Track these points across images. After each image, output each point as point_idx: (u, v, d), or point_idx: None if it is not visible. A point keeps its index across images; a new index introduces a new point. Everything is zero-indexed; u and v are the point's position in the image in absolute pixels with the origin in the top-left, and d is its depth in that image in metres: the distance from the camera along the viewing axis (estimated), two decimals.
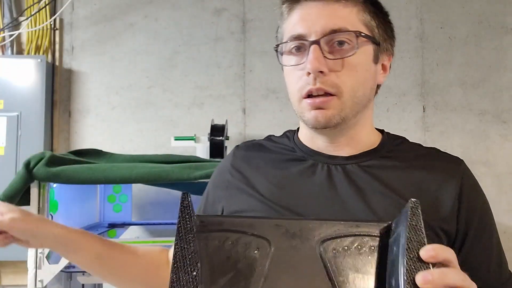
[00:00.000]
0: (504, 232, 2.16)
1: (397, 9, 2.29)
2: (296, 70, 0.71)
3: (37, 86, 2.18)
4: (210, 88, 2.28)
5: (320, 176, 0.73)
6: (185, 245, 0.50)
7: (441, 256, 0.49)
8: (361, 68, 0.71)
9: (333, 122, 0.70)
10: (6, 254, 2.09)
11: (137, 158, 1.72)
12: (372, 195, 0.70)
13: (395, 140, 0.80)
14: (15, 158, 2.12)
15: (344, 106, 0.70)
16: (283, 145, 0.81)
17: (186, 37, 2.33)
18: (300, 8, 0.71)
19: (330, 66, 0.69)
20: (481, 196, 0.77)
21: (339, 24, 0.69)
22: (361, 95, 0.72)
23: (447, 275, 0.48)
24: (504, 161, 2.20)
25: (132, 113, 2.29)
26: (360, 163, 0.74)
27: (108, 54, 2.33)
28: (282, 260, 0.52)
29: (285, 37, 0.73)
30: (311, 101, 0.70)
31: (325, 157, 0.75)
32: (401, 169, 0.73)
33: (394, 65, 2.62)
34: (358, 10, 0.71)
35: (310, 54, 0.68)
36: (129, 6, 2.35)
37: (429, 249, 0.48)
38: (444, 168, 0.74)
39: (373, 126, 0.80)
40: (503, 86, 2.25)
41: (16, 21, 2.29)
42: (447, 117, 2.25)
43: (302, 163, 0.76)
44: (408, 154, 0.76)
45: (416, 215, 0.50)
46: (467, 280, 0.50)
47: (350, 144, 0.75)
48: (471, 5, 2.30)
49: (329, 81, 0.69)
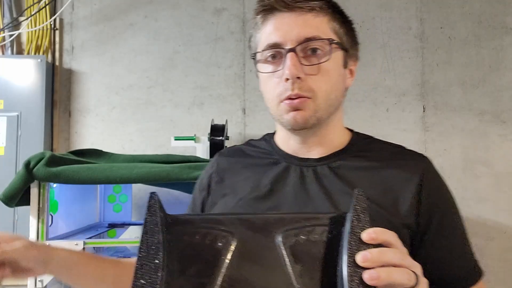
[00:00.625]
0: (504, 232, 2.16)
1: (397, 9, 2.29)
2: (273, 77, 0.76)
3: (37, 86, 2.19)
4: (210, 88, 2.28)
5: (294, 178, 0.79)
6: (150, 237, 0.54)
7: (381, 238, 0.52)
8: (333, 72, 0.76)
9: (310, 123, 0.75)
10: None
11: (137, 158, 1.72)
12: (339, 196, 0.74)
13: (364, 140, 0.85)
14: (15, 158, 2.12)
15: (319, 108, 0.75)
16: (261, 149, 0.87)
17: (186, 37, 2.33)
18: (274, 18, 0.76)
19: (306, 71, 0.74)
20: (444, 191, 0.80)
21: (312, 32, 0.74)
22: (334, 97, 0.78)
23: (386, 253, 0.51)
24: (503, 161, 2.20)
25: (132, 113, 2.29)
26: (330, 163, 0.79)
27: (108, 54, 2.33)
28: (244, 251, 0.55)
29: (260, 46, 0.78)
30: (290, 102, 0.74)
31: (298, 159, 0.81)
32: (368, 169, 0.78)
33: (394, 65, 2.62)
34: (328, 19, 0.77)
35: (288, 61, 0.73)
36: (129, 6, 2.35)
37: (370, 231, 0.51)
38: (408, 165, 0.78)
39: (343, 126, 0.85)
40: (503, 86, 2.25)
41: (16, 21, 2.29)
42: (447, 117, 2.25)
43: (278, 166, 0.81)
44: (375, 154, 0.81)
45: (360, 202, 0.54)
46: (407, 259, 0.53)
47: (321, 144, 0.80)
48: (471, 5, 2.30)
49: (305, 86, 0.74)
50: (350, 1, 2.32)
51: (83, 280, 0.80)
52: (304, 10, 0.75)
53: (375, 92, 2.28)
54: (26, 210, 1.60)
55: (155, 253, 0.53)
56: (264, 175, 0.81)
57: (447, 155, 2.22)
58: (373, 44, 2.30)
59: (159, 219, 0.55)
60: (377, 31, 2.30)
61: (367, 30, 2.31)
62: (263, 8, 0.77)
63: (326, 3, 0.77)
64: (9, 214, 2.07)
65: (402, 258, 0.52)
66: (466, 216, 2.16)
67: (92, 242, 1.63)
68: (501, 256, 2.16)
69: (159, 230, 0.55)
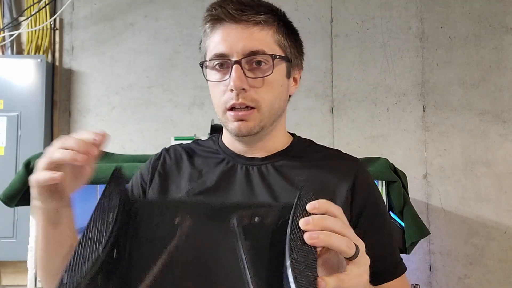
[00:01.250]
0: (505, 232, 2.16)
1: (397, 9, 2.29)
2: (220, 85, 0.81)
3: (37, 86, 2.19)
4: None
5: (240, 176, 0.84)
6: (107, 201, 0.55)
7: (323, 207, 0.55)
8: (276, 84, 0.81)
9: (254, 131, 0.81)
10: (6, 254, 2.10)
11: (137, 158, 1.72)
12: (281, 192, 0.81)
13: (304, 143, 0.92)
14: (15, 158, 2.12)
15: (263, 117, 0.81)
16: (208, 148, 0.92)
17: (186, 37, 2.33)
18: (222, 28, 0.80)
19: (250, 83, 0.79)
20: (373, 190, 0.87)
21: (257, 46, 0.78)
22: (277, 107, 0.83)
23: (327, 219, 0.54)
24: (504, 161, 2.20)
25: (132, 113, 2.29)
26: (274, 163, 0.85)
27: (108, 54, 2.33)
28: (199, 228, 0.58)
29: (208, 54, 0.82)
30: (234, 114, 0.80)
31: (244, 159, 0.86)
32: (308, 168, 0.85)
33: (394, 65, 2.61)
34: (273, 32, 0.81)
35: (233, 73, 0.77)
36: (129, 6, 2.35)
37: (314, 202, 0.55)
38: (342, 166, 0.86)
39: (286, 130, 0.92)
40: (503, 86, 2.25)
41: (16, 21, 2.29)
42: (447, 117, 2.25)
43: (224, 165, 0.86)
44: (314, 155, 0.88)
45: (305, 186, 0.59)
46: (349, 230, 0.56)
47: (265, 147, 0.87)
48: (471, 5, 2.30)
49: (250, 97, 0.79)
50: (350, 1, 2.32)
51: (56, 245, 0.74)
52: (250, 23, 0.79)
53: (375, 92, 2.28)
54: (26, 210, 1.60)
55: (108, 212, 0.53)
56: (211, 172, 0.85)
57: (447, 155, 2.22)
58: (373, 44, 2.30)
59: (119, 190, 0.57)
60: (377, 31, 2.30)
61: (367, 30, 2.30)
62: (211, 17, 0.82)
63: (271, 17, 0.81)
64: (9, 214, 2.07)
65: (344, 227, 0.55)
66: (466, 216, 2.17)
67: None
68: (501, 256, 2.16)
69: (117, 197, 0.56)
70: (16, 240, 2.06)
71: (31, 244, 1.56)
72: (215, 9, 0.81)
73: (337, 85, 2.29)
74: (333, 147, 0.95)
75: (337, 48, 2.32)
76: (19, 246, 2.01)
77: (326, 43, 2.31)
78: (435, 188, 2.19)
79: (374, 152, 2.18)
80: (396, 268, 0.85)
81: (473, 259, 2.16)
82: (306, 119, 2.26)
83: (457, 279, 2.16)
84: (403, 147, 2.24)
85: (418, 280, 2.13)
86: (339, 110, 2.28)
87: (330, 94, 2.29)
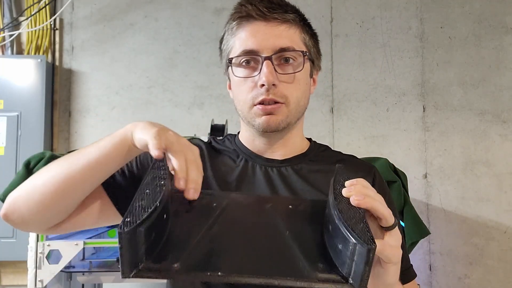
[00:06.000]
0: (505, 232, 2.16)
1: (397, 9, 2.29)
2: (248, 81, 0.81)
3: (37, 86, 2.19)
4: (210, 88, 2.28)
5: (259, 176, 0.84)
6: (156, 171, 0.61)
7: (360, 184, 0.60)
8: (303, 81, 0.83)
9: (281, 126, 0.81)
10: (6, 254, 2.10)
11: None
12: (303, 194, 0.82)
13: (320, 147, 0.93)
14: (15, 158, 2.12)
15: (290, 113, 0.82)
16: (226, 148, 0.90)
17: (186, 37, 2.33)
18: (250, 26, 0.81)
19: (280, 79, 0.80)
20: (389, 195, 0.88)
21: (286, 43, 0.80)
22: (302, 104, 0.85)
23: (367, 189, 0.59)
24: (504, 161, 2.20)
25: (132, 113, 2.29)
26: (293, 165, 0.86)
27: (108, 54, 2.33)
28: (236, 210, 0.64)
29: (235, 51, 0.83)
30: (263, 107, 0.80)
31: (263, 159, 0.86)
32: (325, 172, 0.85)
33: (394, 65, 2.61)
34: (300, 31, 0.83)
35: (264, 68, 0.78)
36: (129, 6, 2.35)
37: (352, 180, 0.60)
38: (359, 171, 0.86)
39: (303, 134, 0.93)
40: (503, 86, 2.25)
41: (16, 21, 2.29)
42: (447, 117, 2.25)
43: (244, 164, 0.86)
44: (331, 159, 0.88)
45: (340, 170, 0.66)
46: (384, 204, 0.59)
47: (285, 146, 0.87)
48: (471, 5, 2.30)
49: (280, 92, 0.80)
50: (350, 1, 2.32)
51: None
52: (279, 21, 0.80)
53: (375, 92, 2.28)
54: None
55: (159, 179, 0.59)
56: (230, 172, 0.85)
57: (447, 155, 2.22)
58: (373, 44, 2.30)
59: (167, 169, 0.62)
60: (377, 31, 2.30)
61: (367, 30, 2.30)
62: (240, 14, 0.82)
63: (298, 16, 0.84)
64: None
65: (381, 202, 0.59)
66: (466, 216, 2.17)
67: (92, 242, 1.63)
68: (501, 256, 2.16)
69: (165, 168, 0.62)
70: (16, 240, 2.06)
71: (31, 244, 1.56)
72: (245, 6, 0.82)
73: (337, 85, 2.29)
74: (333, 147, 0.95)
75: (337, 48, 2.32)
76: (19, 246, 2.01)
77: (326, 43, 2.31)
78: (435, 188, 2.19)
79: (374, 152, 2.18)
80: (406, 274, 0.85)
81: (473, 259, 2.16)
82: (306, 119, 2.24)
83: (457, 279, 2.16)
84: (403, 147, 2.24)
85: (418, 280, 2.13)
86: (339, 110, 2.28)
87: (330, 94, 2.29)
